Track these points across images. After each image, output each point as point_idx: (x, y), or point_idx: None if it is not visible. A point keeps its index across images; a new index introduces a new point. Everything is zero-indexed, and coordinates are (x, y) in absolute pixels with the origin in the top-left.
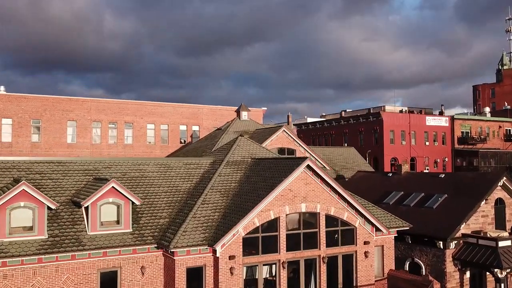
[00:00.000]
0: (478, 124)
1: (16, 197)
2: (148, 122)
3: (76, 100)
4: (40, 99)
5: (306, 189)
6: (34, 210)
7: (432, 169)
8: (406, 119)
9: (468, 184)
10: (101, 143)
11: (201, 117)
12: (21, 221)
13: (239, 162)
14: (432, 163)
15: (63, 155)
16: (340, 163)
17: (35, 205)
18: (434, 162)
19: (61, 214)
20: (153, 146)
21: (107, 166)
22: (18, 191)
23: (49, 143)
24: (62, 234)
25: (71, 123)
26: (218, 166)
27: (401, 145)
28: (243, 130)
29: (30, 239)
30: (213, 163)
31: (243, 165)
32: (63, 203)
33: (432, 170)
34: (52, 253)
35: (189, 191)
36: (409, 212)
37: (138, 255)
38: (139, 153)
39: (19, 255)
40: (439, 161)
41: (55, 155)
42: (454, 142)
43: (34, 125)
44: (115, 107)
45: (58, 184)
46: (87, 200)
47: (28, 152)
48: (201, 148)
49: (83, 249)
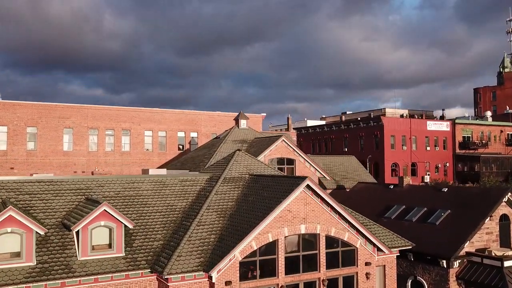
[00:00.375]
0: (479, 128)
1: (3, 223)
2: (146, 128)
3: (72, 107)
4: (35, 106)
5: (305, 210)
6: (22, 236)
7: (433, 174)
8: (407, 124)
9: (471, 200)
10: (98, 150)
11: (200, 123)
12: (8, 247)
13: (237, 178)
14: (433, 168)
15: (59, 163)
16: (340, 172)
17: (23, 231)
18: (435, 167)
19: (51, 238)
20: (151, 153)
21: (100, 184)
22: (5, 217)
23: (45, 150)
24: (51, 260)
25: (68, 130)
26: (215, 183)
27: (402, 150)
28: (241, 139)
29: (17, 266)
30: (209, 179)
31: (241, 182)
32: (53, 225)
33: (433, 175)
34: (40, 281)
35: (184, 210)
36: (411, 227)
37: (131, 280)
38: (136, 161)
39: (6, 284)
40: (440, 166)
41: (51, 163)
42: (455, 147)
43: (29, 132)
44: (112, 114)
45: (48, 205)
46: (78, 224)
47: (24, 161)
48: (198, 157)
49: (73, 276)
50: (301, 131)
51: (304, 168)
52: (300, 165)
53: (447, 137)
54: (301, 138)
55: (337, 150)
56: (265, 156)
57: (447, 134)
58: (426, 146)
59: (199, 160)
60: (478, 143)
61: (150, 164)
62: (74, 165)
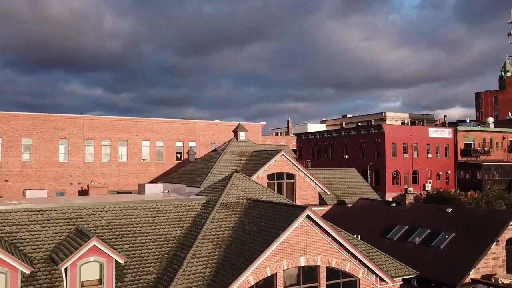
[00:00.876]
0: (481, 135)
1: None
2: (143, 138)
3: (68, 117)
4: (30, 117)
5: (305, 241)
6: (6, 275)
7: (435, 182)
8: (408, 131)
9: (477, 223)
10: (94, 161)
11: (198, 132)
12: None
13: (234, 204)
14: (435, 176)
15: (54, 175)
16: (341, 186)
17: (7, 270)
18: (436, 174)
19: (38, 275)
20: (148, 164)
21: (91, 212)
22: None
23: (40, 162)
24: None
25: (63, 141)
26: (211, 210)
27: (403, 158)
28: (240, 152)
29: None
30: (206, 204)
31: (238, 207)
32: (41, 260)
33: (435, 183)
34: None
35: (179, 239)
36: (414, 251)
37: None
38: (133, 171)
39: None
40: (441, 174)
41: (47, 174)
42: (457, 154)
43: (24, 144)
44: (109, 124)
45: (36, 237)
46: (66, 261)
47: (18, 173)
48: (196, 171)
49: None
50: (301, 136)
51: (304, 182)
52: (300, 180)
53: (449, 144)
54: (301, 144)
55: (337, 156)
56: (265, 171)
57: (448, 141)
58: (427, 153)
59: (196, 175)
60: (480, 150)
61: (148, 174)
62: (70, 176)
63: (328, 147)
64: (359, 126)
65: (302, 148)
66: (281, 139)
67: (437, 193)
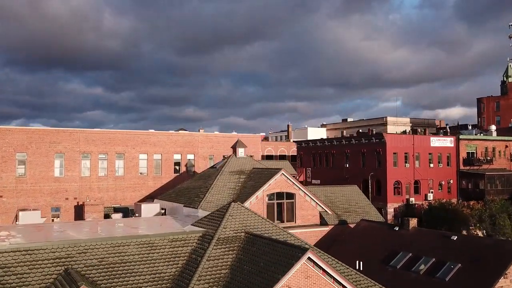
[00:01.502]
0: (484, 144)
1: None
2: (141, 151)
3: (64, 131)
4: (25, 131)
5: (306, 283)
6: None
7: (437, 192)
8: (410, 141)
9: (484, 254)
10: (90, 175)
11: (196, 145)
12: None
13: (231, 238)
14: (437, 185)
15: (50, 190)
16: (342, 205)
17: None
18: (438, 184)
19: None
20: (146, 177)
21: (82, 251)
22: None
23: (35, 177)
24: None
25: (59, 155)
26: (208, 245)
27: (404, 168)
28: (239, 170)
29: None
30: (202, 238)
31: (236, 242)
32: None
33: (437, 193)
34: None
35: (174, 278)
36: (418, 282)
37: None
38: (130, 185)
39: None
40: (443, 184)
41: (42, 190)
42: (459, 164)
43: (19, 158)
44: (105, 137)
45: (23, 280)
46: None
47: (13, 188)
48: (194, 190)
49: None
50: (302, 144)
51: (304, 202)
52: (300, 199)
53: (451, 153)
54: (301, 152)
55: (338, 165)
56: (264, 191)
57: (451, 150)
58: (429, 162)
59: (194, 194)
60: (483, 159)
61: (145, 188)
62: (65, 191)
63: (328, 155)
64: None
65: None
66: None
67: (439, 204)
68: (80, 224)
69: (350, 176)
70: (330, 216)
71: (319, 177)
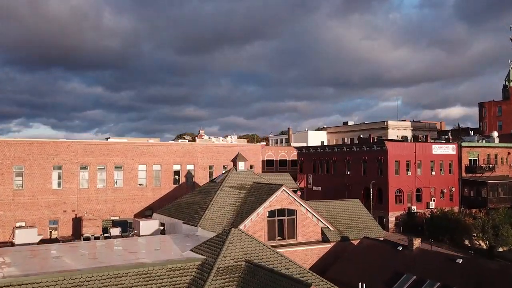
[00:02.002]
0: (486, 151)
1: None
2: (140, 163)
3: (61, 143)
4: (22, 143)
5: None
6: None
7: (439, 200)
8: (412, 149)
9: (490, 279)
10: (89, 187)
11: (196, 155)
12: None
13: (231, 268)
14: (439, 193)
15: (48, 203)
16: (344, 220)
17: None
18: (440, 192)
19: None
20: (145, 189)
21: (77, 284)
22: None
23: (33, 189)
24: None
25: (57, 167)
26: (207, 276)
27: (406, 176)
28: (239, 184)
29: None
30: (201, 267)
31: (236, 272)
32: None
33: (439, 201)
34: None
35: None
36: None
37: None
38: (129, 197)
39: None
40: (446, 191)
41: (39, 202)
42: (461, 171)
43: (16, 171)
44: (104, 148)
45: None
46: None
47: (10, 201)
48: (193, 205)
49: None
50: (302, 150)
51: (306, 218)
52: (301, 216)
53: (453, 161)
54: (302, 158)
55: (339, 172)
56: (265, 208)
57: (453, 157)
58: (431, 170)
59: (193, 210)
60: (485, 167)
61: (144, 200)
62: (63, 204)
63: (329, 162)
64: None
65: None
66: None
67: (441, 213)
68: (77, 248)
69: (351, 184)
70: (332, 232)
71: (320, 183)
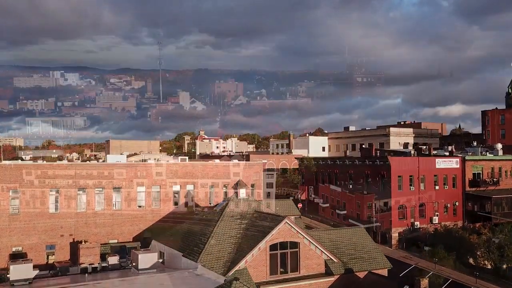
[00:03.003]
0: (490, 164)
1: None
2: (139, 184)
3: (59, 166)
4: (18, 166)
5: None
6: None
7: (442, 215)
8: (415, 163)
9: None
10: (86, 211)
11: (196, 175)
12: None
13: None
14: (442, 208)
15: (45, 227)
16: (348, 250)
17: None
18: (444, 207)
19: None
20: (144, 210)
21: None
22: None
23: (29, 214)
24: None
25: (54, 191)
26: None
27: (409, 191)
28: (240, 213)
29: None
30: None
31: None
32: None
33: (442, 216)
34: None
35: None
36: None
37: None
38: (128, 219)
39: None
40: (449, 206)
41: (36, 227)
42: (465, 185)
43: (12, 196)
44: (102, 170)
45: None
46: None
47: (6, 227)
48: (193, 236)
49: None
50: (303, 161)
51: (309, 250)
52: (305, 248)
53: (457, 175)
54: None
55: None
56: (267, 241)
57: (456, 171)
58: (434, 185)
59: (193, 242)
60: (489, 181)
61: (143, 222)
62: (61, 228)
63: (331, 174)
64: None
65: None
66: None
67: (445, 230)
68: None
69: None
70: (336, 264)
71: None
